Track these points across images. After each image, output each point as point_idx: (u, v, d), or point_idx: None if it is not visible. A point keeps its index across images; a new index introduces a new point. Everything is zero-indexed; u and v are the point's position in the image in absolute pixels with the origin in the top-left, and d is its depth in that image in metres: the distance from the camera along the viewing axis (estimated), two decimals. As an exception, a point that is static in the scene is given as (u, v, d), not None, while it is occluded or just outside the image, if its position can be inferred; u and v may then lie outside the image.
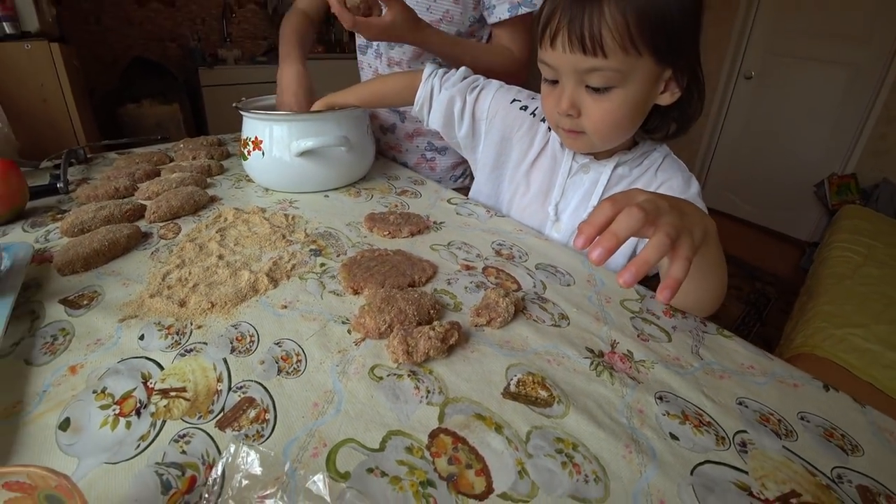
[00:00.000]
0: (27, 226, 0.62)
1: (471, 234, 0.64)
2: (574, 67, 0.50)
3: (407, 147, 0.99)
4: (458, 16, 0.84)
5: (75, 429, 0.32)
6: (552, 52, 0.50)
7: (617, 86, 0.50)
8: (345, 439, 0.32)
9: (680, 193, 0.57)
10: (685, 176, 0.60)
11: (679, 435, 0.34)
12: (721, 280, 0.47)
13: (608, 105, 0.51)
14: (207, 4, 2.87)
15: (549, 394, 0.36)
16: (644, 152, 0.61)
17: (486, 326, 0.44)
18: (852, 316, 1.40)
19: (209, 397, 0.35)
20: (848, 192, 2.51)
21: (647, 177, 0.61)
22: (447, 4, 0.82)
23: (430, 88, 0.73)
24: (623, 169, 0.61)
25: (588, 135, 0.55)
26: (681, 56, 0.50)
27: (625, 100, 0.51)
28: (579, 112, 0.53)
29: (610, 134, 0.55)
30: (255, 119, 0.71)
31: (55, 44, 1.34)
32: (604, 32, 0.46)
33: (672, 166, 0.61)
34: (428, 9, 0.83)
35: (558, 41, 0.49)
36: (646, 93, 0.51)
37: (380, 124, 1.01)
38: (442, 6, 0.83)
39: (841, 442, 0.35)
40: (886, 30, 2.36)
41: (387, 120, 0.99)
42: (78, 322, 0.42)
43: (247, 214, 0.65)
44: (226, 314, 0.44)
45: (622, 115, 0.52)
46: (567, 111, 0.53)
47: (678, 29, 0.48)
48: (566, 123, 0.55)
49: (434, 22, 0.83)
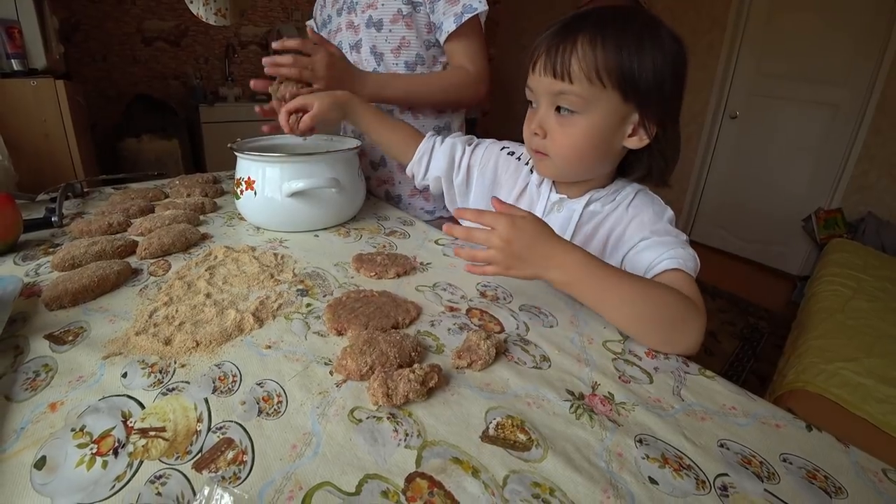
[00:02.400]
0: (19, 259, 0.62)
1: (456, 275, 0.65)
2: (547, 90, 0.56)
3: (400, 179, 1.01)
4: (413, 40, 0.91)
5: (50, 468, 0.31)
6: (532, 77, 0.58)
7: (580, 112, 0.55)
8: (321, 482, 0.31)
9: (651, 225, 0.59)
10: (656, 209, 0.62)
11: (658, 479, 0.34)
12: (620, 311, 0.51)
13: (571, 130, 0.56)
14: (211, 45, 2.98)
15: (527, 437, 0.37)
16: (616, 189, 0.64)
17: (467, 369, 0.44)
18: (843, 350, 1.40)
19: (188, 437, 0.35)
20: (835, 226, 2.56)
21: (618, 212, 0.63)
22: (402, 31, 0.90)
23: (432, 144, 0.78)
24: (595, 206, 0.64)
25: (551, 158, 0.59)
26: (649, 104, 0.54)
27: (587, 128, 0.55)
28: (545, 133, 0.58)
29: (570, 159, 0.59)
30: (248, 160, 0.73)
31: (60, 81, 1.38)
32: (572, 61, 0.53)
33: (643, 201, 0.63)
34: (386, 39, 0.91)
35: (538, 66, 0.56)
36: (610, 127, 0.56)
37: (369, 160, 1.03)
38: (397, 34, 0.90)
39: (824, 484, 0.35)
40: (862, 72, 2.47)
41: (375, 155, 1.02)
42: (61, 358, 0.42)
43: (237, 253, 0.66)
44: (210, 353, 0.44)
45: (583, 143, 0.56)
46: (534, 130, 0.59)
47: (648, 80, 0.52)
48: (534, 143, 0.60)
49: (393, 50, 0.92)
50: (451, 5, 0.85)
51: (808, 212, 2.70)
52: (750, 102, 2.94)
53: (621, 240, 0.61)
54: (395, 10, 0.88)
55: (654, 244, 0.56)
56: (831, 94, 2.60)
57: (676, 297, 0.50)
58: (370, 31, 0.92)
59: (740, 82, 2.95)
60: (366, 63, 0.95)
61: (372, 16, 0.90)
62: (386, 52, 0.93)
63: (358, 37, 0.95)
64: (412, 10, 0.89)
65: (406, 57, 0.93)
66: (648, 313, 0.50)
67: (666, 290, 0.50)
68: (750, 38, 2.85)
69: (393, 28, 0.90)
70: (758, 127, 2.92)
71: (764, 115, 2.88)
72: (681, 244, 0.56)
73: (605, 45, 0.52)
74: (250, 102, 2.92)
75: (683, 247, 0.56)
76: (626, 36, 0.52)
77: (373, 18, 0.91)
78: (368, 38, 0.93)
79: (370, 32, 0.92)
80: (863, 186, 2.56)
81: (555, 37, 0.55)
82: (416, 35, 0.91)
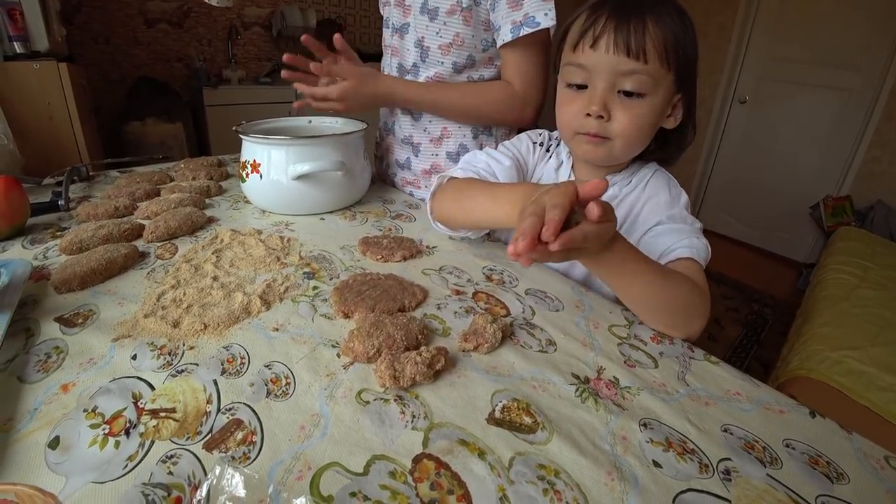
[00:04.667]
0: (27, 242, 0.63)
1: (463, 258, 0.65)
2: (613, 69, 0.52)
3: (425, 184, 0.94)
4: (469, 39, 0.79)
5: (64, 447, 0.32)
6: (592, 53, 0.53)
7: (647, 93, 0.53)
8: (329, 463, 0.32)
9: (667, 209, 0.59)
10: (673, 192, 0.62)
11: (662, 462, 0.34)
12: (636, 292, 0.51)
13: (638, 111, 0.54)
14: (214, 26, 2.94)
15: (533, 420, 0.37)
16: (633, 171, 0.64)
17: (473, 352, 0.44)
18: (848, 338, 1.40)
19: (198, 418, 0.35)
20: (843, 214, 2.54)
21: (635, 193, 0.63)
22: (458, 26, 0.78)
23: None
24: (613, 189, 0.63)
25: (612, 140, 0.56)
26: (688, 85, 0.56)
27: (651, 109, 0.54)
28: (609, 115, 0.54)
29: (634, 141, 0.57)
30: (254, 143, 0.73)
31: (63, 63, 1.37)
32: (647, 40, 0.51)
33: (660, 181, 0.63)
34: (438, 32, 0.80)
35: (602, 42, 0.52)
36: (664, 109, 0.56)
37: (395, 159, 0.98)
38: (451, 29, 0.79)
39: (826, 469, 0.35)
40: (876, 56, 2.42)
41: (401, 155, 0.96)
42: (72, 340, 0.43)
43: (243, 236, 0.66)
44: (218, 336, 0.45)
45: (647, 124, 0.55)
46: (599, 112, 0.54)
47: (691, 59, 0.54)
48: (593, 126, 0.55)
49: (444, 46, 0.80)
50: (512, 10, 0.73)
51: (817, 199, 2.67)
52: (760, 87, 2.89)
53: (637, 220, 0.61)
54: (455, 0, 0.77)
55: (670, 230, 0.56)
56: (844, 79, 2.55)
57: (689, 286, 0.50)
58: (423, 18, 0.80)
59: (751, 66, 2.89)
60: (406, 53, 0.86)
61: (427, 1, 0.79)
62: (433, 46, 0.81)
63: (406, 20, 0.83)
64: (472, 4, 0.76)
65: (456, 57, 0.81)
66: (662, 299, 0.50)
67: (681, 278, 0.50)
68: (762, 20, 2.79)
69: (448, 21, 0.78)
70: (767, 112, 2.88)
71: (774, 99, 2.83)
72: (695, 233, 0.56)
73: (670, 24, 0.51)
74: (254, 85, 2.89)
75: (697, 235, 0.56)
76: (675, 15, 0.52)
77: (428, 4, 0.79)
78: (418, 27, 0.82)
79: (422, 20, 0.80)
80: (874, 173, 2.53)
81: (620, 13, 0.51)
82: (473, 34, 0.79)
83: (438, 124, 0.89)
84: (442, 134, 0.89)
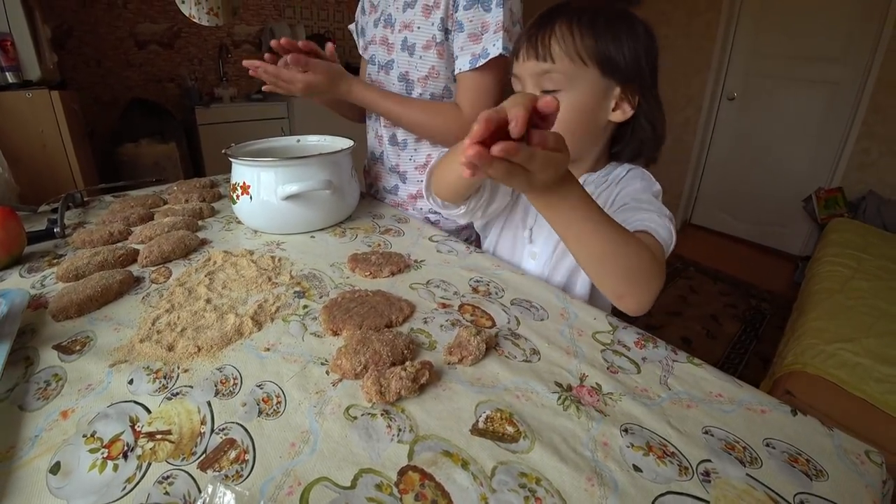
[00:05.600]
0: (24, 271, 0.64)
1: (450, 271, 0.66)
2: (532, 72, 0.59)
3: (412, 206, 0.98)
4: (443, 71, 0.86)
5: (65, 472, 0.33)
6: (518, 64, 0.61)
7: (564, 89, 0.58)
8: (318, 478, 0.33)
9: (636, 194, 0.62)
10: (645, 184, 0.64)
11: (642, 466, 0.35)
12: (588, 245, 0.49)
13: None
14: (204, 45, 2.97)
15: (515, 429, 0.38)
16: (608, 171, 0.66)
17: (458, 364, 0.46)
18: (842, 330, 1.41)
19: (193, 439, 0.36)
20: (836, 206, 2.55)
21: (609, 189, 0.65)
22: (432, 59, 0.85)
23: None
24: (589, 188, 0.65)
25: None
26: (628, 77, 0.59)
27: (573, 103, 0.58)
28: None
29: (563, 133, 0.58)
30: (243, 165, 0.75)
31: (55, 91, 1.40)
32: (552, 42, 0.57)
33: (634, 175, 0.65)
34: (416, 66, 0.86)
35: (521, 53, 0.60)
36: (594, 102, 0.59)
37: (384, 185, 1.02)
38: (427, 62, 0.85)
39: (805, 467, 0.36)
40: (861, 48, 2.45)
41: (389, 182, 1.00)
42: (70, 367, 0.44)
43: (235, 257, 0.67)
44: (211, 357, 0.46)
45: (571, 118, 0.58)
46: None
47: (624, 54, 0.57)
48: None
49: (421, 79, 0.87)
50: (472, 43, 0.79)
51: (809, 192, 2.69)
52: (748, 83, 2.91)
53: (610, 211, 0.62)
54: (430, 35, 0.82)
55: (633, 209, 0.58)
56: (830, 72, 2.58)
57: (643, 251, 0.49)
58: (403, 54, 0.87)
59: (738, 62, 2.92)
60: (392, 87, 0.91)
61: (407, 38, 0.85)
62: (415, 80, 0.88)
63: (390, 57, 0.90)
64: (444, 38, 0.83)
65: (433, 88, 0.88)
66: (614, 256, 0.49)
67: (636, 240, 0.50)
68: (746, 17, 2.82)
69: (424, 55, 0.85)
70: (756, 108, 2.90)
71: (762, 95, 2.86)
72: (658, 213, 0.56)
73: (580, 25, 0.57)
74: (246, 102, 2.92)
75: (660, 217, 0.56)
76: (598, 17, 0.57)
77: (407, 41, 0.85)
78: (401, 62, 0.88)
79: (403, 56, 0.87)
80: (864, 164, 2.55)
81: (534, 26, 0.59)
82: (446, 66, 0.86)
83: (423, 152, 0.94)
84: (426, 160, 0.94)
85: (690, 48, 2.97)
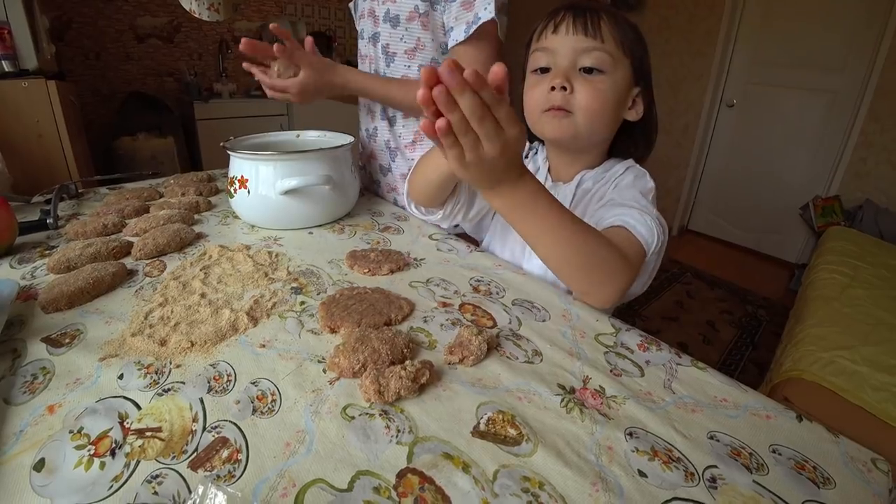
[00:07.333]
0: (15, 262, 0.62)
1: (450, 270, 0.65)
2: (573, 47, 0.58)
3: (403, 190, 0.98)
4: (429, 43, 0.86)
5: (49, 469, 0.32)
6: (554, 37, 0.59)
7: (607, 70, 0.58)
8: (314, 479, 0.32)
9: (628, 186, 0.62)
10: (637, 181, 0.64)
11: (647, 472, 0.34)
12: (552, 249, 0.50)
13: (600, 85, 0.58)
14: (204, 41, 2.96)
15: (518, 432, 0.37)
16: (607, 167, 0.66)
17: (458, 364, 0.44)
18: (839, 338, 1.41)
19: (184, 437, 0.35)
20: (832, 214, 2.56)
21: (606, 185, 0.65)
22: (417, 31, 0.85)
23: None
24: (587, 184, 0.66)
25: (575, 115, 0.59)
26: (645, 83, 0.62)
27: (612, 85, 0.58)
28: (572, 87, 0.58)
29: (596, 116, 0.59)
30: (241, 158, 0.73)
31: (52, 81, 1.38)
32: (602, 23, 0.57)
33: (630, 171, 0.65)
34: (401, 38, 0.87)
35: (562, 27, 0.58)
36: (624, 93, 0.60)
37: (378, 164, 1.01)
38: (413, 34, 0.86)
39: (812, 475, 0.36)
40: (860, 58, 2.46)
41: (383, 160, 1.00)
42: (59, 361, 0.43)
43: (231, 252, 0.66)
44: (205, 353, 0.45)
45: (606, 101, 0.58)
46: (562, 83, 0.57)
47: (644, 62, 0.61)
48: (557, 100, 0.58)
49: (407, 52, 0.87)
50: (465, 10, 0.78)
51: (806, 200, 2.70)
52: (747, 91, 2.92)
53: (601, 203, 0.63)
54: (412, 6, 0.83)
55: (614, 205, 0.58)
56: (829, 81, 2.59)
57: (606, 245, 0.49)
58: (386, 26, 0.87)
59: (737, 70, 2.93)
60: (379, 60, 0.92)
61: (390, 9, 0.85)
62: (399, 52, 0.88)
63: (377, 29, 0.90)
64: (429, 9, 0.83)
65: (420, 60, 0.87)
66: (573, 250, 0.49)
67: (599, 235, 0.50)
68: (747, 24, 2.83)
69: (409, 27, 0.85)
70: (755, 115, 2.91)
71: (761, 103, 2.87)
72: (640, 211, 0.55)
73: (623, 24, 0.58)
74: (245, 98, 2.91)
75: (642, 214, 0.55)
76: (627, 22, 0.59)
77: (390, 13, 0.86)
78: (384, 34, 0.88)
79: (386, 28, 0.87)
80: (861, 173, 2.56)
81: (578, 9, 0.58)
82: (433, 38, 0.85)
83: (410, 129, 0.94)
84: (414, 139, 0.95)
85: (691, 53, 2.98)
